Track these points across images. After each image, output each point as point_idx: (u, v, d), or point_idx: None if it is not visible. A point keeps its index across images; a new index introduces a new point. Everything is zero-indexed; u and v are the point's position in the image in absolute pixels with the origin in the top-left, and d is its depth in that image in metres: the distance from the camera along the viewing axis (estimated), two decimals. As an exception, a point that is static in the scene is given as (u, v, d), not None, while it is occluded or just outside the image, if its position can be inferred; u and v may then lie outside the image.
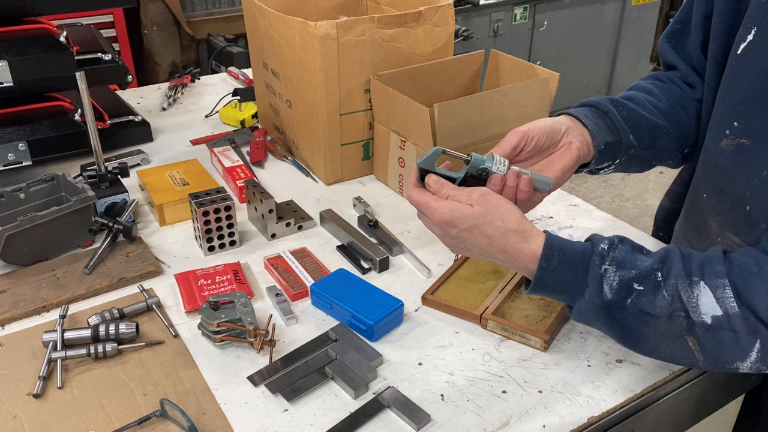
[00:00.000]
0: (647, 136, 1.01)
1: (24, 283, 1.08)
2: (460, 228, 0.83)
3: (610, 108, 0.98)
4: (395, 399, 0.86)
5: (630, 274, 0.79)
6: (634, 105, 1.01)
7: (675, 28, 1.07)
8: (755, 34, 0.84)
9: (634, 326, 0.80)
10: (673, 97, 1.05)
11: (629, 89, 1.09)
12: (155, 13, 3.26)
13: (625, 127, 0.98)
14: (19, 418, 0.84)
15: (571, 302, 0.84)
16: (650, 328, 0.79)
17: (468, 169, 0.88)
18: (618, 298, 0.79)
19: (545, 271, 0.82)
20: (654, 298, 0.78)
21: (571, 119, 0.96)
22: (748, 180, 0.87)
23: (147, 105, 1.82)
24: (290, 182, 1.42)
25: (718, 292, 0.75)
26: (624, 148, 0.99)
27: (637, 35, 4.31)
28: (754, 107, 0.85)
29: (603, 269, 0.80)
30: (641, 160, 1.04)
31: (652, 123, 1.01)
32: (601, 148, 0.96)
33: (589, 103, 1.00)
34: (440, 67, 1.37)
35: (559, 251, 0.82)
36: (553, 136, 0.93)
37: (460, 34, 3.41)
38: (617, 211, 3.50)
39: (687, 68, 1.06)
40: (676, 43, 1.08)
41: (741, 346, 0.75)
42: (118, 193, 1.24)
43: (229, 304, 0.97)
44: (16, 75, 1.31)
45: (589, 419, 0.84)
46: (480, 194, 0.84)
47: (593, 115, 0.97)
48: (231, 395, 0.88)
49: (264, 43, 1.45)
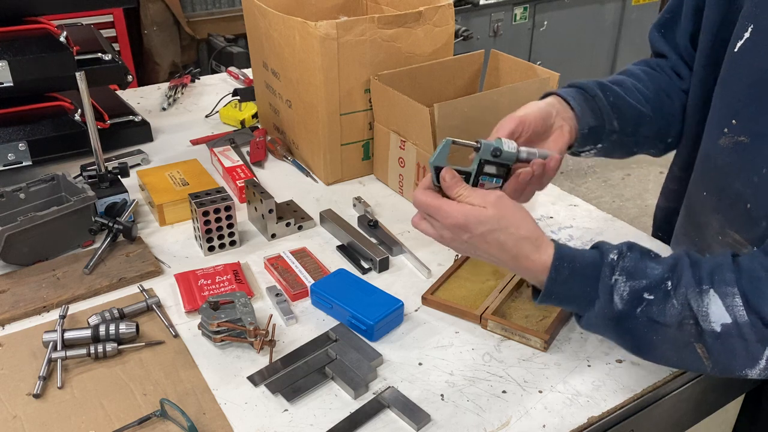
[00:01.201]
0: (631, 123, 1.01)
1: (24, 283, 1.08)
2: (474, 233, 0.81)
3: (597, 92, 0.99)
4: (395, 399, 0.86)
5: (640, 284, 0.78)
6: (621, 91, 1.02)
7: (665, 17, 1.07)
8: (752, 32, 0.84)
9: (643, 335, 0.79)
10: (660, 85, 1.06)
11: (619, 73, 1.10)
12: (155, 13, 3.26)
13: (611, 112, 0.98)
14: (19, 418, 0.84)
15: (580, 312, 0.83)
16: (659, 336, 0.78)
17: (480, 156, 0.84)
18: (628, 308, 0.78)
19: (555, 282, 0.81)
20: (664, 308, 0.77)
21: (559, 100, 0.96)
22: (747, 178, 0.87)
23: (147, 105, 1.82)
24: (290, 182, 1.42)
25: (728, 300, 0.74)
26: (607, 133, 0.99)
27: (637, 35, 4.31)
28: (752, 105, 0.85)
29: (613, 280, 0.79)
30: (623, 146, 1.04)
31: (636, 110, 1.01)
32: (585, 132, 0.96)
33: (578, 84, 1.01)
34: (440, 67, 1.37)
35: (569, 261, 0.81)
36: (547, 120, 0.93)
37: (460, 34, 3.41)
38: (617, 211, 3.50)
39: (676, 58, 1.07)
40: (666, 32, 1.08)
41: (750, 354, 0.74)
42: (118, 193, 1.24)
43: (229, 304, 0.97)
44: (16, 75, 1.31)
45: (589, 419, 0.84)
46: (496, 197, 0.82)
47: (580, 97, 0.98)
48: (231, 395, 0.88)
49: (264, 43, 1.45)
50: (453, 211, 0.82)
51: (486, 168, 0.86)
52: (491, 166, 0.86)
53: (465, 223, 0.81)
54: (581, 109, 0.96)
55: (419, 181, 1.26)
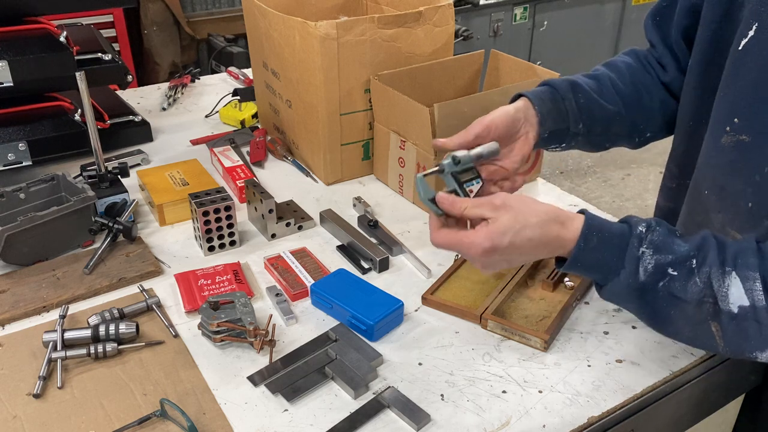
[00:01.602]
0: (600, 124, 1.05)
1: (24, 283, 1.08)
2: (502, 247, 0.82)
3: (567, 94, 1.02)
4: (395, 399, 0.86)
5: (666, 259, 0.80)
6: (594, 88, 1.04)
7: (661, 6, 1.08)
8: (756, 30, 0.84)
9: (662, 308, 0.81)
10: (640, 80, 1.09)
11: (602, 64, 1.12)
12: (155, 13, 3.26)
13: (578, 114, 1.02)
14: (19, 418, 0.84)
15: (602, 281, 0.84)
16: (678, 311, 0.80)
17: (447, 171, 0.89)
18: (651, 281, 0.80)
19: (583, 251, 0.82)
20: (686, 284, 0.79)
21: (527, 104, 0.99)
22: (749, 177, 0.87)
23: (147, 105, 1.82)
24: (290, 182, 1.42)
25: (748, 284, 0.76)
26: (571, 135, 1.03)
27: (637, 35, 4.31)
28: (756, 103, 0.85)
29: (641, 252, 0.81)
30: (592, 144, 1.08)
31: (607, 111, 1.05)
32: (545, 136, 1.00)
33: (551, 83, 1.03)
34: (440, 67, 1.37)
35: (598, 231, 0.83)
36: (512, 127, 0.97)
37: (460, 34, 3.41)
38: (617, 211, 3.50)
39: (663, 49, 1.08)
40: (660, 21, 1.09)
41: (763, 337, 0.76)
42: (118, 193, 1.24)
43: (229, 304, 0.97)
44: (16, 75, 1.31)
45: (589, 419, 0.84)
46: (501, 201, 0.83)
47: (548, 98, 1.00)
48: (231, 395, 0.88)
49: (264, 43, 1.45)
50: (476, 240, 0.82)
51: (461, 177, 0.90)
52: (463, 174, 0.90)
53: (492, 245, 0.82)
54: (546, 111, 0.99)
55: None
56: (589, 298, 1.05)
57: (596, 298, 1.04)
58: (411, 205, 1.32)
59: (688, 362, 0.92)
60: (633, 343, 0.95)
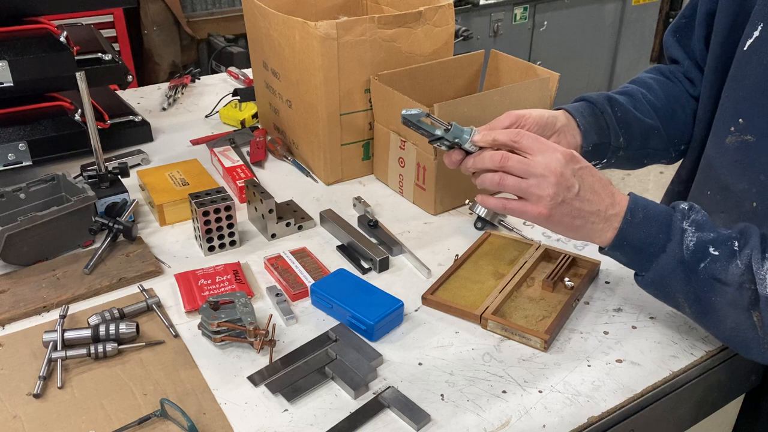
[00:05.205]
0: (639, 138, 1.02)
1: (24, 283, 1.08)
2: (583, 164, 0.82)
3: (605, 107, 0.99)
4: (395, 399, 0.86)
5: (708, 237, 0.80)
6: (629, 105, 1.02)
7: (681, 23, 1.07)
8: (761, 30, 0.84)
9: (702, 293, 0.80)
10: (672, 94, 1.06)
11: (630, 82, 1.10)
12: (155, 13, 3.27)
13: (618, 129, 0.99)
14: (19, 418, 0.84)
15: (648, 261, 0.84)
16: (719, 296, 0.79)
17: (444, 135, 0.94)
18: (692, 261, 0.80)
19: (630, 224, 0.82)
20: (728, 266, 0.78)
21: (568, 117, 0.97)
22: (753, 176, 0.88)
23: (147, 105, 1.82)
24: (290, 182, 1.42)
25: None
26: (612, 149, 1.01)
27: (637, 35, 4.31)
28: (760, 104, 0.85)
29: (684, 225, 0.81)
30: (631, 160, 1.06)
31: (644, 125, 1.02)
32: (589, 150, 0.99)
33: (588, 98, 1.01)
34: (440, 67, 1.37)
35: (643, 208, 0.83)
36: (544, 129, 0.95)
37: (460, 34, 3.41)
38: (617, 211, 3.50)
39: (689, 63, 1.07)
40: (681, 38, 1.08)
41: None
42: (118, 193, 1.24)
43: (229, 304, 0.97)
44: (16, 75, 1.31)
45: (589, 419, 0.84)
46: None
47: (588, 112, 0.98)
48: (231, 395, 0.88)
49: (264, 43, 1.45)
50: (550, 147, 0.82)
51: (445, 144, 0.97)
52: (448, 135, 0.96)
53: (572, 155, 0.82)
54: (587, 125, 0.98)
55: (418, 182, 1.27)
56: (589, 298, 1.05)
57: (596, 298, 1.04)
58: (411, 205, 1.32)
59: (688, 362, 0.92)
60: (633, 343, 0.95)
